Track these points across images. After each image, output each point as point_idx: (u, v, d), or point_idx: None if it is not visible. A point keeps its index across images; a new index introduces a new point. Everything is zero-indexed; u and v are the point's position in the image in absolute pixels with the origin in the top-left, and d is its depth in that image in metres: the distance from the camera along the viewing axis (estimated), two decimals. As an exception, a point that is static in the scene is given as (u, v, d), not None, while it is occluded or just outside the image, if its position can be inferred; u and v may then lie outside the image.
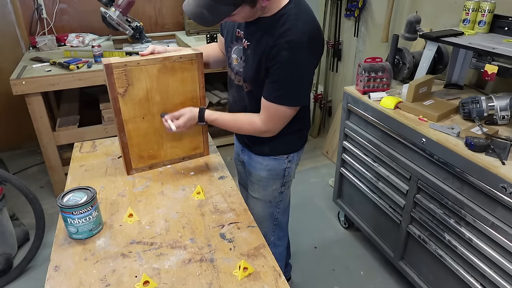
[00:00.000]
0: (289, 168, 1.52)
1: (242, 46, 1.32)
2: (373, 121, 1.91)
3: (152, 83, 1.35)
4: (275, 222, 1.65)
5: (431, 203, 1.66)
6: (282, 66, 1.19)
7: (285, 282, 0.99)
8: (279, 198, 1.59)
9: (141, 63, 1.31)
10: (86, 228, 1.12)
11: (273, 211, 1.61)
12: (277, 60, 1.18)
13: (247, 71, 1.32)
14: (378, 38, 2.71)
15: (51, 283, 0.99)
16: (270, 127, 1.32)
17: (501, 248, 1.38)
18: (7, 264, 2.13)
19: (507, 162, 1.36)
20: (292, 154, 1.50)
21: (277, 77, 1.22)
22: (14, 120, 3.34)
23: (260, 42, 1.23)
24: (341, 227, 2.52)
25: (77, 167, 1.52)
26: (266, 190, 1.55)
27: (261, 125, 1.32)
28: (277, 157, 1.48)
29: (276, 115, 1.29)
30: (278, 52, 1.17)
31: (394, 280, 2.12)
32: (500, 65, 1.66)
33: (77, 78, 2.55)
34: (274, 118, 1.30)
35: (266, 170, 1.50)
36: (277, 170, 1.51)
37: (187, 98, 1.44)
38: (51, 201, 2.73)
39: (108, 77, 1.28)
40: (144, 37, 3.01)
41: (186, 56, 1.37)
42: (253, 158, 1.53)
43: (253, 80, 1.32)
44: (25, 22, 3.17)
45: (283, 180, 1.54)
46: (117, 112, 1.35)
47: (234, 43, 1.36)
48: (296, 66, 1.20)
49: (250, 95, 1.38)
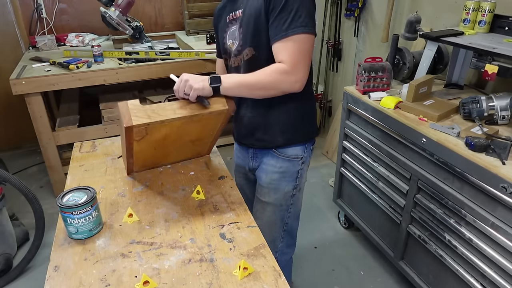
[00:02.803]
0: (302, 170, 1.47)
1: (233, 27, 1.31)
2: (373, 121, 1.91)
3: (172, 130, 1.27)
4: (284, 228, 1.56)
5: (431, 203, 1.66)
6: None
7: (285, 282, 0.99)
8: (290, 201, 1.50)
9: (166, 121, 1.19)
10: (86, 228, 1.12)
11: (284, 215, 1.52)
12: None
13: (245, 35, 1.27)
14: (378, 38, 2.71)
15: (51, 283, 0.99)
16: (296, 66, 1.19)
17: (501, 248, 1.38)
18: (6, 264, 2.13)
19: (507, 162, 1.36)
20: (305, 154, 1.44)
21: (277, 8, 1.17)
22: (14, 120, 3.34)
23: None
24: (341, 227, 2.52)
25: (77, 167, 1.51)
26: (278, 193, 1.47)
27: (285, 66, 1.19)
28: (290, 158, 1.43)
29: (296, 49, 1.18)
30: None
31: (394, 280, 2.12)
32: (500, 65, 1.66)
33: (77, 78, 2.55)
34: (295, 53, 1.18)
35: (279, 172, 1.44)
36: (290, 172, 1.45)
37: (204, 136, 1.41)
38: (51, 201, 2.73)
39: (126, 132, 1.16)
40: (144, 37, 3.01)
41: (216, 112, 1.26)
42: (265, 161, 1.46)
43: (254, 39, 1.25)
44: (25, 22, 3.17)
45: (295, 182, 1.47)
46: (130, 151, 1.27)
47: (227, 30, 1.34)
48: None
49: (249, 65, 1.30)
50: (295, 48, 1.18)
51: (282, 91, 1.24)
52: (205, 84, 1.21)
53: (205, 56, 2.79)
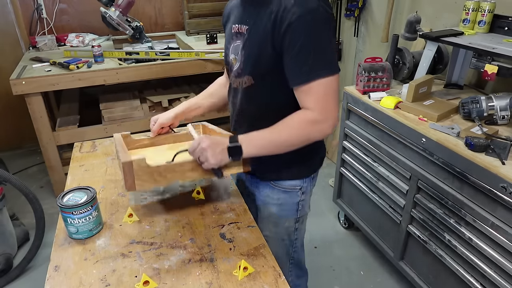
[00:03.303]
0: (303, 201, 1.32)
1: (237, 41, 1.16)
2: (373, 121, 1.91)
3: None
4: (291, 261, 1.44)
5: (431, 203, 1.66)
6: (298, 26, 1.00)
7: (285, 282, 0.99)
8: (293, 236, 1.37)
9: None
10: (86, 228, 1.12)
11: (288, 250, 1.40)
12: (290, 20, 0.99)
13: (246, 59, 1.12)
14: (378, 38, 2.71)
15: (51, 283, 0.99)
16: (326, 112, 1.05)
17: (501, 248, 1.38)
18: (7, 264, 2.13)
19: (507, 162, 1.36)
20: (305, 184, 1.29)
21: (297, 45, 1.01)
22: (14, 120, 3.34)
23: (259, 16, 1.07)
24: (341, 227, 2.52)
25: (77, 167, 1.52)
26: (278, 227, 1.34)
27: (312, 113, 1.05)
28: (287, 190, 1.28)
29: (321, 93, 1.04)
30: (286, 11, 1.00)
31: (394, 280, 2.12)
32: (500, 65, 1.66)
33: (77, 78, 2.55)
34: (322, 99, 1.04)
35: (277, 205, 1.30)
36: (289, 204, 1.30)
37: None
38: (51, 201, 2.73)
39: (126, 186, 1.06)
40: (144, 37, 3.01)
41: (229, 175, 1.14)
42: (261, 190, 1.32)
43: (255, 68, 1.11)
44: (25, 22, 3.17)
45: (297, 215, 1.33)
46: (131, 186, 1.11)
47: (231, 42, 1.20)
48: (315, 21, 1.00)
49: (247, 94, 1.17)
50: (321, 93, 1.04)
51: (313, 141, 1.11)
52: (223, 157, 1.07)
53: (205, 56, 2.80)
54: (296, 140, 1.08)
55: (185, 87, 3.24)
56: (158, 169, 1.01)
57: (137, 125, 2.87)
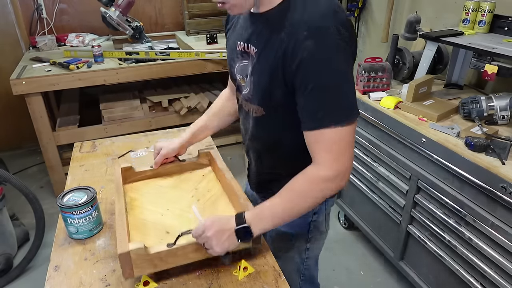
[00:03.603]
0: (315, 221, 1.18)
1: (244, 61, 1.03)
2: (373, 121, 1.91)
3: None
4: (302, 278, 1.31)
5: (431, 203, 1.66)
6: (310, 64, 0.85)
7: (285, 281, 0.99)
8: (304, 255, 1.24)
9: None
10: (86, 228, 1.12)
11: (299, 267, 1.28)
12: (301, 56, 0.85)
13: (255, 87, 0.98)
14: (378, 38, 2.71)
15: (51, 283, 0.99)
16: (339, 167, 0.92)
17: (501, 248, 1.38)
18: (7, 264, 2.13)
19: (507, 162, 1.36)
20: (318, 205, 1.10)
21: (309, 86, 0.87)
22: (14, 120, 3.34)
23: (270, 42, 0.92)
24: (341, 227, 2.52)
25: (77, 167, 1.52)
26: (287, 245, 1.22)
27: (324, 170, 0.92)
28: None
29: (336, 144, 0.90)
30: (297, 44, 0.85)
31: (394, 280, 2.12)
32: (500, 65, 1.66)
33: (77, 78, 2.55)
34: (336, 151, 0.91)
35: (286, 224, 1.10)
36: (299, 225, 1.17)
37: None
38: (51, 201, 2.73)
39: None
40: (144, 37, 3.01)
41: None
42: None
43: (265, 100, 0.98)
44: (25, 22, 3.17)
45: (308, 235, 1.20)
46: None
47: (235, 60, 1.06)
48: (330, 59, 0.85)
49: (258, 123, 1.05)
50: (336, 144, 0.90)
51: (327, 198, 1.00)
52: (231, 243, 0.94)
53: (205, 56, 2.80)
54: (311, 204, 0.96)
55: (185, 87, 3.24)
56: (159, 255, 0.92)
57: (137, 125, 2.87)
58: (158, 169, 1.30)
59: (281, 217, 0.96)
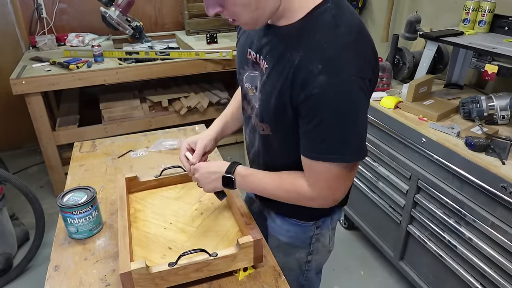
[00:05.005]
0: (319, 235, 1.15)
1: (254, 71, 0.97)
2: (373, 121, 1.91)
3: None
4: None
5: (431, 203, 1.66)
6: (319, 100, 0.78)
7: (285, 281, 0.99)
8: (304, 267, 1.22)
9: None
10: (86, 228, 1.12)
11: (299, 278, 1.25)
12: (310, 90, 0.78)
13: (263, 105, 0.93)
14: (378, 37, 2.70)
15: (51, 282, 0.99)
16: (321, 193, 0.90)
17: (501, 248, 1.38)
18: (7, 263, 2.13)
19: (507, 162, 1.36)
20: (321, 219, 1.12)
21: (316, 119, 0.81)
22: (14, 120, 3.34)
23: (282, 60, 0.85)
24: (341, 227, 2.52)
25: (77, 167, 1.51)
26: (288, 257, 1.19)
27: (312, 192, 0.91)
28: (300, 223, 1.12)
29: (328, 178, 0.87)
30: (309, 77, 0.78)
31: (394, 280, 2.12)
32: (500, 64, 1.66)
33: (77, 77, 2.55)
34: (324, 181, 0.88)
35: (287, 236, 1.16)
36: (302, 238, 1.15)
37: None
38: (51, 200, 2.73)
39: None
40: (144, 37, 3.01)
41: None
42: (272, 217, 1.18)
43: (273, 119, 0.93)
44: (25, 21, 3.17)
45: (310, 248, 1.17)
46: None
47: (245, 68, 1.01)
48: (342, 98, 0.79)
49: (265, 140, 1.01)
50: (327, 179, 0.87)
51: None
52: (217, 185, 1.03)
53: (205, 56, 2.79)
54: (290, 201, 0.98)
55: (185, 87, 3.24)
56: (160, 274, 0.93)
57: (137, 125, 2.87)
58: (163, 179, 1.30)
59: (260, 191, 1.03)
